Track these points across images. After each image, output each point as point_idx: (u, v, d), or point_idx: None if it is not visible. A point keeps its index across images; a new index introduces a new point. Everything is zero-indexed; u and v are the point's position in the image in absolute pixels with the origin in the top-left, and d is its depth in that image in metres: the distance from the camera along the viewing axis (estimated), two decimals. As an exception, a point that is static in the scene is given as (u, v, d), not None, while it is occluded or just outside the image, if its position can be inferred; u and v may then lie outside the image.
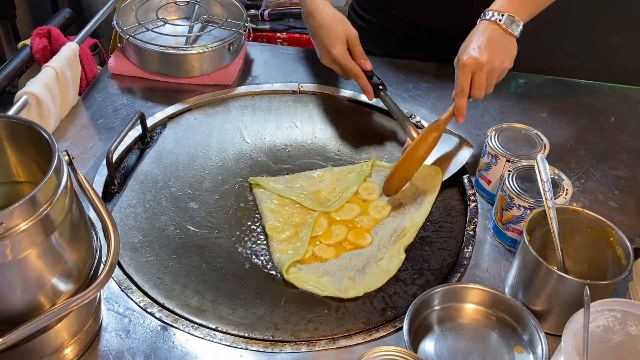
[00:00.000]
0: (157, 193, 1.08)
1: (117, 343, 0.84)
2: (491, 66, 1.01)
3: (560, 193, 0.94)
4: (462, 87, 1.02)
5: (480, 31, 1.03)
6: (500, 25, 1.03)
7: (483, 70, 1.00)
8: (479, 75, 1.01)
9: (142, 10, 1.33)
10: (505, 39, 1.03)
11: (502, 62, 1.02)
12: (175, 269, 0.96)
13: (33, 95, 1.07)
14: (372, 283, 0.94)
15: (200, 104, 1.25)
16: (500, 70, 1.03)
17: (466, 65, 1.00)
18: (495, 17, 1.03)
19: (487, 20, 1.04)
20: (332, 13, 1.18)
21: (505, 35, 1.03)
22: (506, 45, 1.03)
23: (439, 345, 0.86)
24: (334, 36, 1.15)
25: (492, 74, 1.02)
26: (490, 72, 1.01)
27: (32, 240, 0.66)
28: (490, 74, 1.02)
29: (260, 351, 0.84)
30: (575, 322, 0.72)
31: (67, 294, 0.73)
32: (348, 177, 1.12)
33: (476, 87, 1.02)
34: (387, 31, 1.43)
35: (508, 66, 1.04)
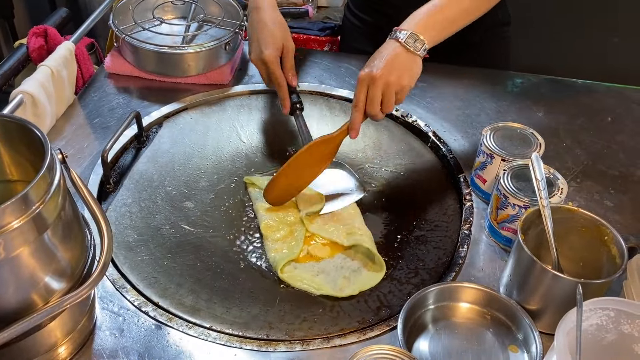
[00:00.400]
0: (153, 192, 1.08)
1: (111, 342, 0.84)
2: (386, 80, 0.98)
3: (555, 192, 0.94)
4: (356, 100, 1.00)
5: (382, 48, 1.02)
6: (402, 43, 1.01)
7: (376, 85, 0.98)
8: (373, 89, 0.98)
9: (138, 10, 1.33)
10: (407, 56, 1.01)
11: (399, 77, 0.99)
12: (170, 268, 0.96)
13: (28, 94, 1.07)
14: (367, 282, 0.94)
15: (196, 103, 1.25)
16: (397, 87, 0.99)
17: (360, 80, 0.99)
18: (396, 35, 1.02)
19: (392, 38, 1.03)
20: (277, 17, 1.16)
21: (407, 53, 1.01)
22: (407, 63, 1.01)
23: (434, 345, 0.86)
24: (272, 38, 1.13)
25: (388, 90, 0.99)
26: (386, 87, 0.99)
27: (25, 238, 0.65)
28: (387, 89, 0.99)
29: (255, 350, 0.84)
30: (568, 320, 0.72)
31: (60, 292, 0.73)
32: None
33: (370, 102, 0.99)
34: (382, 31, 1.42)
35: (407, 83, 1.01)
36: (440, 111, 1.25)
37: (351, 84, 1.32)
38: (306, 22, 2.06)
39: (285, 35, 1.15)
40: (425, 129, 1.21)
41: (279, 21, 1.16)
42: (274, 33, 1.14)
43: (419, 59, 1.02)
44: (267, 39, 1.13)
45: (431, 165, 1.16)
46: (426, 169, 1.15)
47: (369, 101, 1.00)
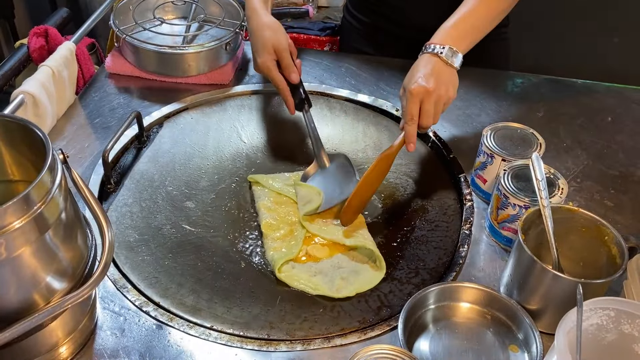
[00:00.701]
0: (154, 192, 1.08)
1: (113, 342, 0.84)
2: (438, 94, 1.02)
3: (556, 192, 0.94)
4: (411, 114, 1.01)
5: (423, 63, 1.04)
6: (442, 58, 1.04)
7: (431, 98, 1.01)
8: (427, 103, 1.01)
9: (139, 10, 1.34)
10: (447, 70, 1.05)
11: (447, 90, 1.03)
12: (170, 268, 0.96)
13: (29, 95, 1.07)
14: (365, 283, 0.94)
15: (197, 104, 1.25)
16: (446, 99, 1.03)
17: (414, 94, 1.00)
18: (437, 50, 1.05)
19: (429, 53, 1.05)
20: (265, 21, 1.16)
21: (447, 66, 1.05)
22: (449, 76, 1.05)
23: (434, 344, 0.86)
24: (261, 44, 1.14)
25: (439, 103, 1.02)
26: (437, 100, 1.02)
27: (26, 238, 0.66)
28: (437, 102, 1.02)
29: (255, 350, 0.84)
30: (569, 320, 0.72)
31: (62, 292, 0.73)
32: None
33: (425, 115, 1.02)
34: (380, 31, 1.43)
35: (452, 96, 1.05)
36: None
37: (351, 84, 1.32)
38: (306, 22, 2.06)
39: (275, 37, 1.14)
40: (426, 129, 1.21)
41: (268, 24, 1.16)
42: (263, 39, 1.14)
43: (455, 71, 1.06)
44: (256, 45, 1.16)
45: (431, 165, 1.16)
46: (426, 169, 1.15)
47: (423, 114, 1.02)
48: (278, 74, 1.14)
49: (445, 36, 1.07)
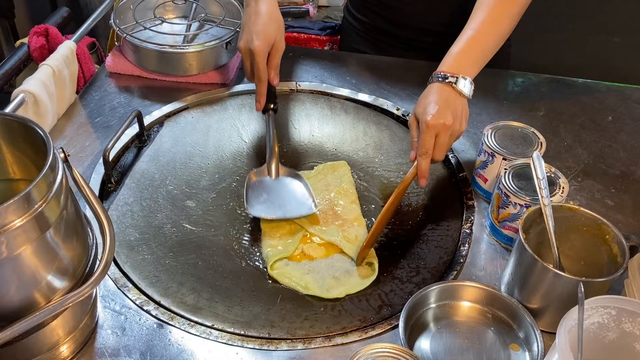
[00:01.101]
0: (154, 191, 1.08)
1: (113, 340, 0.84)
2: (453, 129, 0.99)
3: (557, 191, 0.94)
4: (427, 149, 0.98)
5: (436, 92, 1.01)
6: (455, 88, 1.01)
7: (447, 132, 0.99)
8: (443, 137, 0.99)
9: (139, 9, 1.33)
10: (460, 101, 1.02)
11: (461, 124, 1.01)
12: (171, 267, 0.96)
13: (30, 93, 1.07)
14: (355, 285, 0.94)
15: (198, 103, 1.25)
16: (459, 133, 1.01)
17: (431, 127, 0.97)
18: (449, 80, 1.01)
19: (441, 82, 1.02)
20: (275, 12, 1.14)
21: (460, 97, 1.02)
22: (461, 107, 1.02)
23: (435, 343, 0.86)
24: (265, 32, 1.10)
25: (453, 136, 1.01)
26: (452, 134, 1.00)
27: (27, 237, 0.66)
28: (452, 136, 1.00)
29: (257, 349, 0.84)
30: (570, 319, 0.72)
31: (63, 291, 0.73)
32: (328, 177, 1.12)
33: (439, 149, 0.99)
34: (380, 32, 1.43)
35: (464, 128, 1.03)
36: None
37: (352, 83, 1.32)
38: (307, 21, 2.06)
39: (279, 33, 1.13)
40: (427, 128, 1.21)
41: (276, 17, 1.14)
42: (268, 27, 1.11)
43: (467, 101, 1.04)
44: (260, 31, 1.10)
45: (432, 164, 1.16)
46: (427, 168, 1.15)
47: (437, 148, 0.99)
48: (265, 65, 1.12)
49: (456, 63, 1.03)
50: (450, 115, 0.99)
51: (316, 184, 1.10)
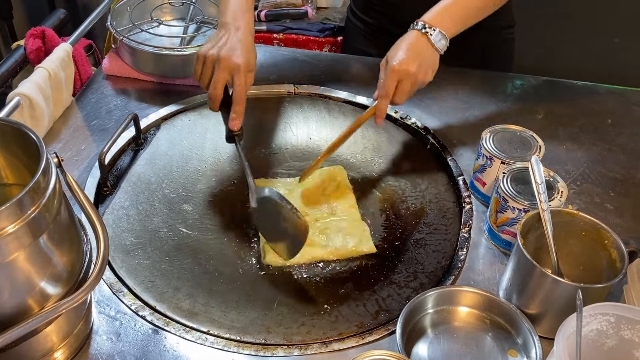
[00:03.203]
0: (151, 195, 1.07)
1: (108, 346, 0.83)
2: (417, 77, 1.04)
3: (555, 195, 0.94)
4: (387, 91, 1.03)
5: (410, 40, 1.05)
6: (430, 39, 1.05)
7: (409, 79, 1.03)
8: (406, 83, 1.03)
9: (136, 11, 1.33)
10: (432, 53, 1.06)
11: (425, 74, 1.05)
12: (167, 272, 0.95)
13: (25, 97, 1.07)
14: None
15: (195, 105, 1.25)
16: (422, 82, 1.06)
17: (395, 72, 1.02)
18: (427, 30, 1.06)
19: (418, 30, 1.06)
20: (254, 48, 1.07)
21: (431, 49, 1.06)
22: (432, 59, 1.06)
23: (433, 349, 0.85)
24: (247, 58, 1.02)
25: (415, 84, 1.05)
26: (414, 82, 1.04)
27: (20, 243, 0.65)
28: (414, 84, 1.04)
29: (252, 355, 0.84)
30: (568, 325, 0.72)
31: (57, 297, 0.72)
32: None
33: (400, 93, 1.04)
34: (384, 33, 1.42)
35: (429, 79, 1.07)
36: (440, 113, 1.25)
37: (350, 86, 1.31)
38: (305, 23, 2.06)
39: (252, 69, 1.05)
40: (425, 131, 1.20)
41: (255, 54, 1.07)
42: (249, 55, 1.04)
43: (438, 55, 1.07)
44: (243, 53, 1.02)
45: (430, 167, 1.15)
46: (425, 172, 1.15)
47: (398, 92, 1.04)
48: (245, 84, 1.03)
49: (438, 17, 1.07)
50: (416, 64, 1.03)
51: (313, 191, 1.09)
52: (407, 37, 1.06)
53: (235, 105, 1.02)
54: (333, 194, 1.08)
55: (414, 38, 1.06)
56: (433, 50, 1.06)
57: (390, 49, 1.07)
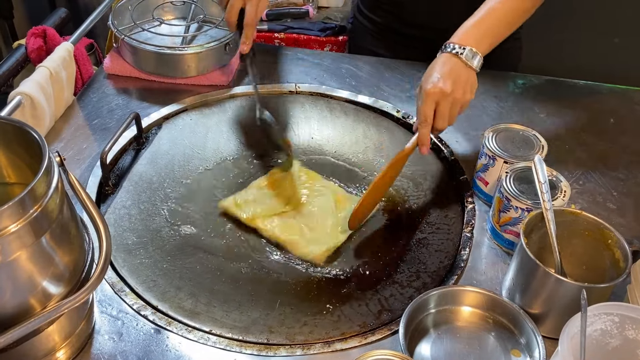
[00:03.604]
0: (152, 194, 1.07)
1: (110, 346, 0.83)
2: (454, 97, 1.00)
3: (558, 195, 0.94)
4: (425, 116, 0.99)
5: (441, 63, 1.02)
6: (461, 59, 1.02)
7: (447, 100, 0.99)
8: (443, 105, 0.99)
9: (138, 10, 1.32)
10: (466, 71, 1.02)
11: (464, 93, 1.01)
12: (169, 271, 0.95)
13: (27, 96, 1.06)
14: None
15: (196, 105, 1.24)
16: (462, 102, 1.01)
17: (430, 95, 0.99)
18: (456, 50, 1.02)
19: (449, 53, 1.03)
20: None
21: (466, 68, 1.02)
22: (467, 77, 1.02)
23: (436, 349, 0.85)
24: None
25: (455, 105, 1.01)
26: (453, 103, 1.00)
27: (22, 242, 0.65)
28: (454, 104, 1.00)
29: (255, 354, 0.83)
30: (573, 325, 0.71)
31: (59, 296, 0.72)
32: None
33: (440, 117, 1.00)
34: (392, 31, 1.42)
35: (470, 98, 1.03)
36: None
37: (352, 85, 1.31)
38: (306, 22, 2.05)
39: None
40: (427, 130, 1.20)
41: None
42: None
43: (475, 73, 1.04)
44: None
45: (432, 167, 1.15)
46: (427, 171, 1.14)
47: (438, 116, 1.00)
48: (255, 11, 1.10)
49: (466, 36, 1.04)
50: (450, 83, 0.99)
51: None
52: (438, 60, 1.03)
53: (245, 29, 1.10)
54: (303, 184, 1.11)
55: (445, 60, 1.02)
56: (467, 68, 1.02)
57: (423, 76, 1.03)
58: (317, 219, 1.03)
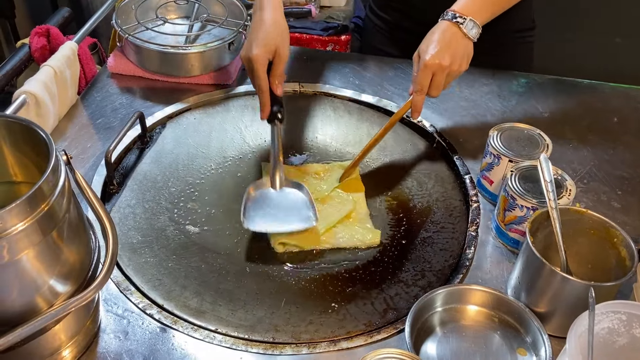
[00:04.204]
0: (157, 193, 1.07)
1: (116, 345, 0.83)
2: (451, 69, 1.04)
3: (564, 193, 0.94)
4: (421, 85, 1.04)
5: (441, 31, 1.05)
6: (461, 29, 1.05)
7: (444, 73, 1.03)
8: (440, 77, 1.04)
9: (141, 9, 1.32)
10: (464, 42, 1.06)
11: (460, 65, 1.05)
12: (174, 270, 0.95)
13: (31, 95, 1.06)
14: None
15: (200, 104, 1.24)
16: (457, 73, 1.06)
17: (428, 66, 1.03)
18: (457, 20, 1.05)
19: (449, 20, 1.06)
20: (278, 19, 1.10)
21: (464, 39, 1.06)
22: (465, 48, 1.06)
23: (441, 348, 0.85)
24: (265, 40, 1.06)
25: (450, 76, 1.05)
26: (449, 74, 1.05)
27: (30, 240, 0.65)
28: (449, 76, 1.05)
29: (261, 353, 0.83)
30: (580, 324, 0.71)
31: (65, 295, 0.72)
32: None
33: (435, 87, 1.05)
34: (402, 30, 1.42)
35: (465, 69, 1.07)
36: (446, 112, 1.25)
37: (355, 84, 1.31)
38: (309, 21, 2.05)
39: (281, 40, 1.08)
40: (431, 129, 1.20)
41: (279, 23, 1.10)
42: (269, 35, 1.07)
43: (472, 43, 1.07)
44: (260, 38, 1.06)
45: (437, 166, 1.15)
46: (432, 170, 1.14)
47: (433, 86, 1.05)
48: (265, 74, 1.07)
49: (467, 5, 1.07)
50: (449, 56, 1.03)
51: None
52: (438, 28, 1.06)
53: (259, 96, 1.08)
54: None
55: (445, 28, 1.05)
56: (466, 39, 1.06)
57: (422, 42, 1.06)
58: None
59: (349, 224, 1.03)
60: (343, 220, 1.03)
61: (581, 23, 2.14)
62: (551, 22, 2.14)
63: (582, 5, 2.11)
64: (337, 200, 1.07)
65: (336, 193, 1.08)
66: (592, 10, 2.11)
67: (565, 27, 2.14)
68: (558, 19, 2.13)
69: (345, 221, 1.03)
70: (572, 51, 2.16)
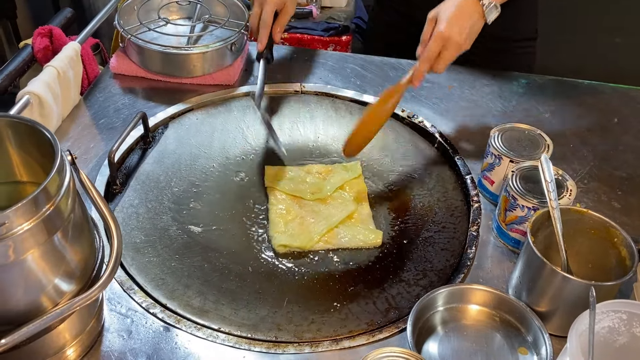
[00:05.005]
0: (159, 193, 1.07)
1: (120, 344, 0.83)
2: (461, 48, 1.04)
3: (564, 194, 0.94)
4: (429, 56, 1.03)
5: (463, 5, 1.04)
6: (482, 8, 1.05)
7: (454, 49, 1.03)
8: (450, 52, 1.03)
9: (143, 10, 1.33)
10: (480, 23, 1.06)
11: (468, 45, 1.05)
12: (177, 270, 0.95)
13: (35, 95, 1.07)
14: None
15: (202, 104, 1.25)
16: (461, 50, 1.05)
17: (443, 38, 1.02)
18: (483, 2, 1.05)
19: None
20: None
21: (481, 19, 1.06)
22: (477, 28, 1.06)
23: (443, 347, 0.85)
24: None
25: (457, 52, 1.05)
26: (457, 51, 1.04)
27: (35, 240, 0.65)
28: (456, 52, 1.04)
29: (263, 352, 0.84)
30: (581, 323, 0.72)
31: (70, 294, 0.72)
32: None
33: (442, 62, 1.04)
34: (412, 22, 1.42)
35: (468, 47, 1.06)
36: (447, 112, 1.25)
37: (357, 85, 1.32)
38: (310, 22, 2.06)
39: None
40: (432, 130, 1.20)
41: None
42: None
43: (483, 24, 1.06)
44: None
45: (438, 166, 1.16)
46: (433, 170, 1.15)
47: (440, 60, 1.04)
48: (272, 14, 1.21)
49: None
50: (464, 33, 1.02)
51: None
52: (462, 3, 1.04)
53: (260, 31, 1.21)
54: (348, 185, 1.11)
55: (467, 3, 1.04)
56: (482, 19, 1.05)
57: (442, 6, 1.05)
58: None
59: (351, 224, 1.03)
60: (345, 220, 1.04)
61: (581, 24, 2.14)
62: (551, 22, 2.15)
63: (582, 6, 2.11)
64: (339, 200, 1.07)
65: (338, 194, 1.09)
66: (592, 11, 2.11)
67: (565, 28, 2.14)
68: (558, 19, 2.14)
69: (348, 222, 1.04)
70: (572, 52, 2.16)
